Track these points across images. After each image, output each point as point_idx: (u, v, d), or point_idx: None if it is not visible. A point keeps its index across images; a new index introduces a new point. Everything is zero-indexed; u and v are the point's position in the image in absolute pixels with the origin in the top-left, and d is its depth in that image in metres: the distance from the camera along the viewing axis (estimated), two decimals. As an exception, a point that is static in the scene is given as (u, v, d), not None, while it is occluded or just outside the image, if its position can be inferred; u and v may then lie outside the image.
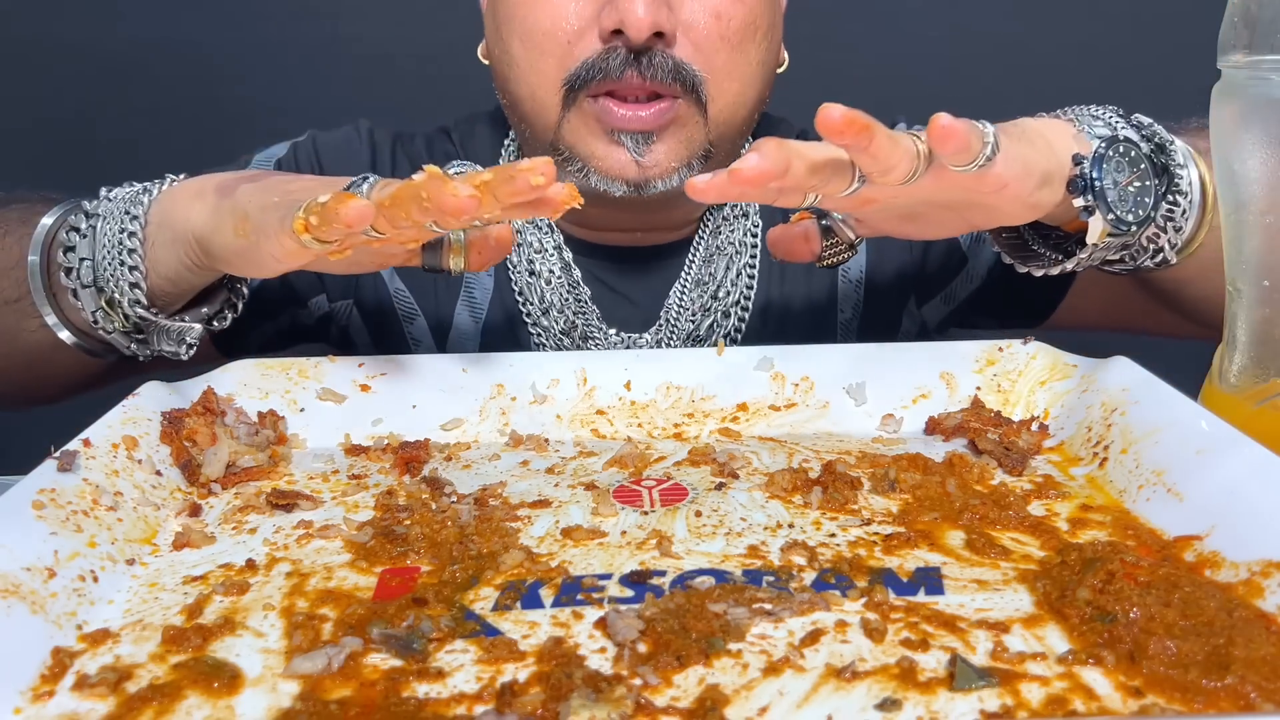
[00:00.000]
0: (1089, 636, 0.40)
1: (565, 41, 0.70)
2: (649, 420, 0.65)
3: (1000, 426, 0.60)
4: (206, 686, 0.38)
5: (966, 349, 0.66)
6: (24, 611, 0.41)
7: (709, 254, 0.82)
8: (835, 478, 0.54)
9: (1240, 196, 0.54)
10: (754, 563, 0.47)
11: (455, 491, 0.56)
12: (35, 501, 0.46)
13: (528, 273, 0.82)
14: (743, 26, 0.71)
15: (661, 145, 0.71)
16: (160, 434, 0.57)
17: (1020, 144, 0.54)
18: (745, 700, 0.37)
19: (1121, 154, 0.58)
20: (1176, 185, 0.61)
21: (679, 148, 0.72)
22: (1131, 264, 0.64)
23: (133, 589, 0.46)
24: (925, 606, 0.43)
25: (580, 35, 0.70)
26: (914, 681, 0.37)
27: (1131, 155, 0.58)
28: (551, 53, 0.70)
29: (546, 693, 0.37)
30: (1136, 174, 0.59)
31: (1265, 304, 0.54)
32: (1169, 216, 0.61)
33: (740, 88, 0.73)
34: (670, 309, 0.82)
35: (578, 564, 0.48)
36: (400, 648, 0.40)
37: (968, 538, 0.49)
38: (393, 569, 0.48)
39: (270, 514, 0.54)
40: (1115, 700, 0.36)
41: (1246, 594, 0.41)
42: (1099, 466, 0.55)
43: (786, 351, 0.66)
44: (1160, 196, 0.60)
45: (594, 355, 0.67)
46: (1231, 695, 0.36)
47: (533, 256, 0.82)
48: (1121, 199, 0.58)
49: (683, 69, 0.69)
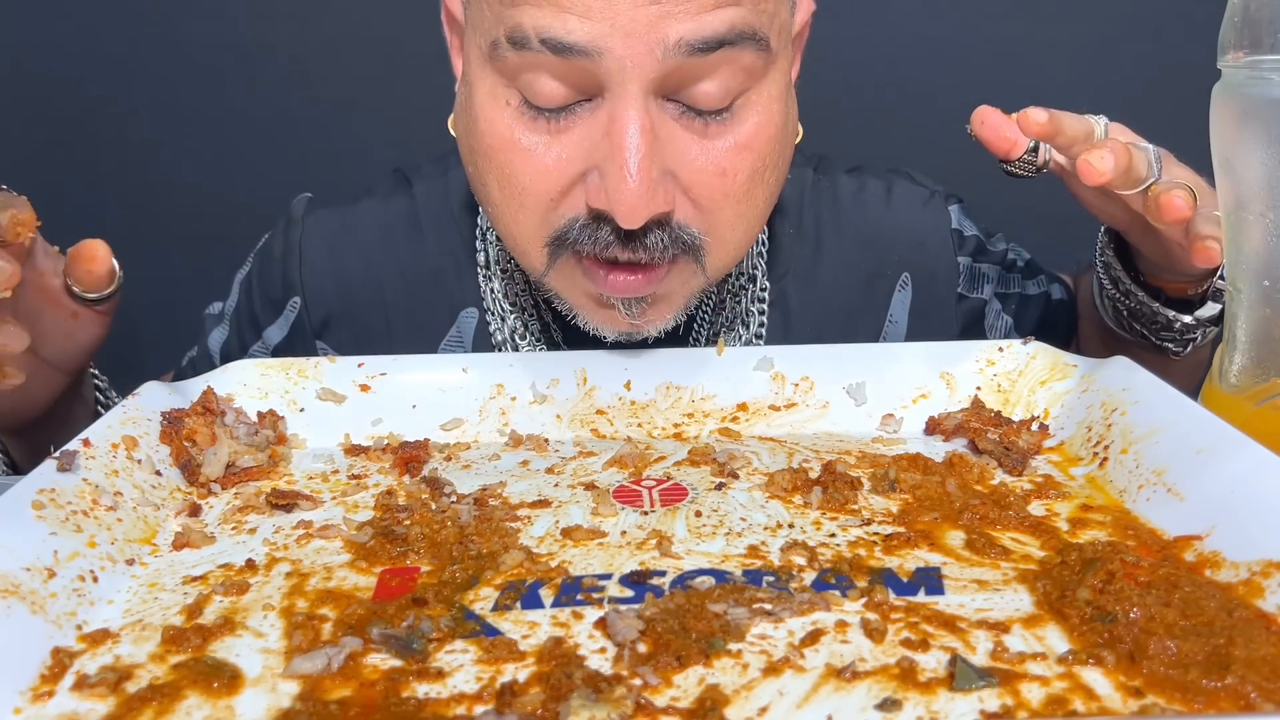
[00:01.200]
0: (1089, 636, 0.40)
1: (548, 199, 0.61)
2: (649, 420, 0.65)
3: (1000, 426, 0.60)
4: (206, 686, 0.38)
5: (966, 349, 0.66)
6: (24, 611, 0.41)
7: (713, 330, 0.78)
8: (835, 478, 0.54)
9: (1240, 196, 0.54)
10: (754, 563, 0.47)
11: (455, 491, 0.56)
12: (35, 501, 0.46)
13: (512, 351, 0.77)
14: (749, 176, 0.61)
15: (656, 307, 0.64)
16: (160, 434, 0.57)
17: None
18: (745, 700, 0.37)
19: None
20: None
21: (675, 302, 0.65)
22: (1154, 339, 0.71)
23: (133, 589, 0.46)
24: (925, 606, 0.43)
25: (564, 194, 0.61)
26: (914, 681, 0.37)
27: None
28: (533, 209, 0.61)
29: (546, 693, 0.37)
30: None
31: (1265, 304, 0.54)
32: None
33: (745, 232, 0.64)
34: None
35: (578, 564, 0.47)
36: (400, 648, 0.40)
37: (968, 538, 0.49)
38: (393, 569, 0.48)
39: (270, 514, 0.54)
40: (1115, 700, 0.36)
41: (1246, 594, 0.41)
42: (1099, 466, 0.55)
43: (786, 351, 0.66)
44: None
45: (594, 355, 0.67)
46: (1231, 695, 0.36)
47: (516, 338, 0.78)
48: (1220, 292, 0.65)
49: (681, 235, 0.61)
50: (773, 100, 0.61)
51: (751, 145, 0.61)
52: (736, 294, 0.78)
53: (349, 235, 0.83)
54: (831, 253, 0.82)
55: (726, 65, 0.57)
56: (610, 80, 0.56)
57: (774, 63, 0.60)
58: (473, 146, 0.63)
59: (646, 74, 0.56)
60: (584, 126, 0.59)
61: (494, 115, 0.60)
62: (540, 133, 0.60)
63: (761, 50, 0.58)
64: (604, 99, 0.58)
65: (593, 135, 0.59)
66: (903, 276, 0.82)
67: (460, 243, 0.82)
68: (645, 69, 0.56)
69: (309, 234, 0.83)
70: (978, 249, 0.84)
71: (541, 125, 0.60)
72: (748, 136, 0.60)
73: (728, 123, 0.60)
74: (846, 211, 0.83)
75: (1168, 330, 0.70)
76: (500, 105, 0.60)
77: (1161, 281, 0.70)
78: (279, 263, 0.83)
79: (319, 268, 0.82)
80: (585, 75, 0.57)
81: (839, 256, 0.82)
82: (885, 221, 0.83)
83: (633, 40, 0.55)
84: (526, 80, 0.58)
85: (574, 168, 0.60)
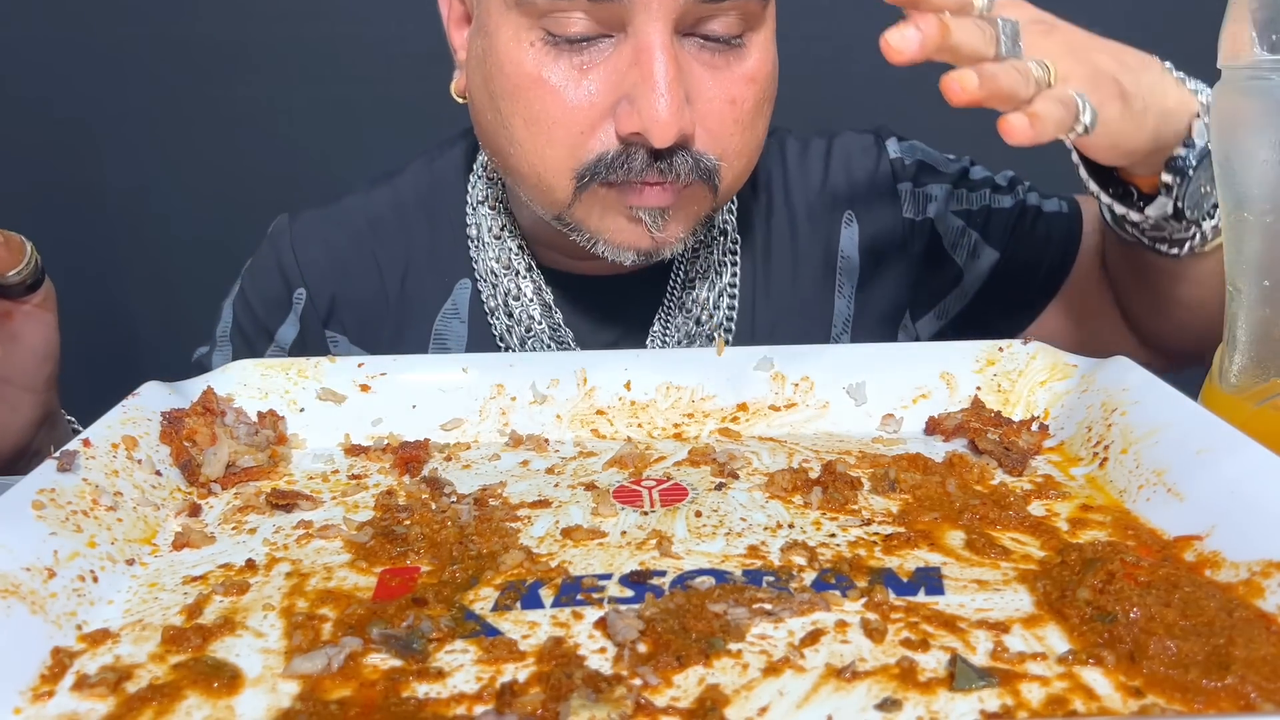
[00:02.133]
0: (1089, 636, 0.40)
1: (578, 133, 0.65)
2: (649, 420, 0.65)
3: (1000, 426, 0.60)
4: (206, 686, 0.38)
5: (966, 349, 0.66)
6: (24, 611, 0.41)
7: (689, 278, 0.81)
8: (835, 478, 0.54)
9: (1240, 196, 0.54)
10: (754, 563, 0.47)
11: (455, 491, 0.56)
12: (35, 501, 0.46)
13: (506, 316, 0.81)
14: (755, 105, 0.68)
15: (675, 222, 0.69)
16: (160, 434, 0.57)
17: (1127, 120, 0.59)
18: (745, 700, 0.37)
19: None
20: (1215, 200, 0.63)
21: (689, 220, 0.70)
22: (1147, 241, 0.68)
23: (133, 589, 0.46)
24: (925, 606, 0.43)
25: (594, 127, 0.65)
26: (914, 681, 0.37)
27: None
28: (562, 142, 0.66)
29: (546, 693, 0.37)
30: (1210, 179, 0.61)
31: (1265, 304, 0.54)
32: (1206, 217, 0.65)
33: (748, 160, 0.71)
34: (655, 338, 0.81)
35: (578, 564, 0.47)
36: (400, 648, 0.40)
37: (968, 538, 0.49)
38: (393, 569, 0.48)
39: (270, 514, 0.54)
40: (1115, 700, 0.36)
41: (1247, 594, 0.41)
42: (1099, 466, 0.55)
43: (786, 351, 0.66)
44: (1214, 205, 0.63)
45: (594, 355, 0.67)
46: (1231, 695, 0.36)
47: (509, 301, 0.81)
48: (1193, 195, 0.62)
49: (701, 162, 0.66)
50: (768, 41, 0.69)
51: (756, 77, 0.67)
52: (709, 244, 0.82)
53: (338, 229, 0.85)
54: (780, 209, 0.85)
55: (735, 10, 0.64)
56: (636, 15, 0.62)
57: (769, 8, 0.67)
58: (495, 92, 0.67)
59: (669, 10, 0.62)
60: (609, 62, 0.64)
61: (519, 56, 0.65)
62: (567, 68, 0.64)
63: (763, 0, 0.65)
64: (627, 35, 0.63)
65: (619, 68, 0.64)
66: (846, 214, 0.85)
67: (450, 219, 0.84)
68: (669, 6, 0.62)
69: (299, 235, 0.85)
70: (920, 172, 0.86)
71: (565, 61, 0.64)
72: (753, 69, 0.67)
73: (737, 55, 0.66)
74: (793, 170, 0.87)
75: (1157, 231, 0.68)
76: (524, 46, 0.65)
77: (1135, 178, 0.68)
78: (275, 268, 0.85)
79: (316, 259, 0.85)
80: (611, 13, 0.62)
81: (787, 211, 0.85)
82: (828, 171, 0.87)
83: None
84: (553, 19, 0.63)
85: (603, 101, 0.65)
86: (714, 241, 0.82)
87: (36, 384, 0.69)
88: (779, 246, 0.85)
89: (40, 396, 0.70)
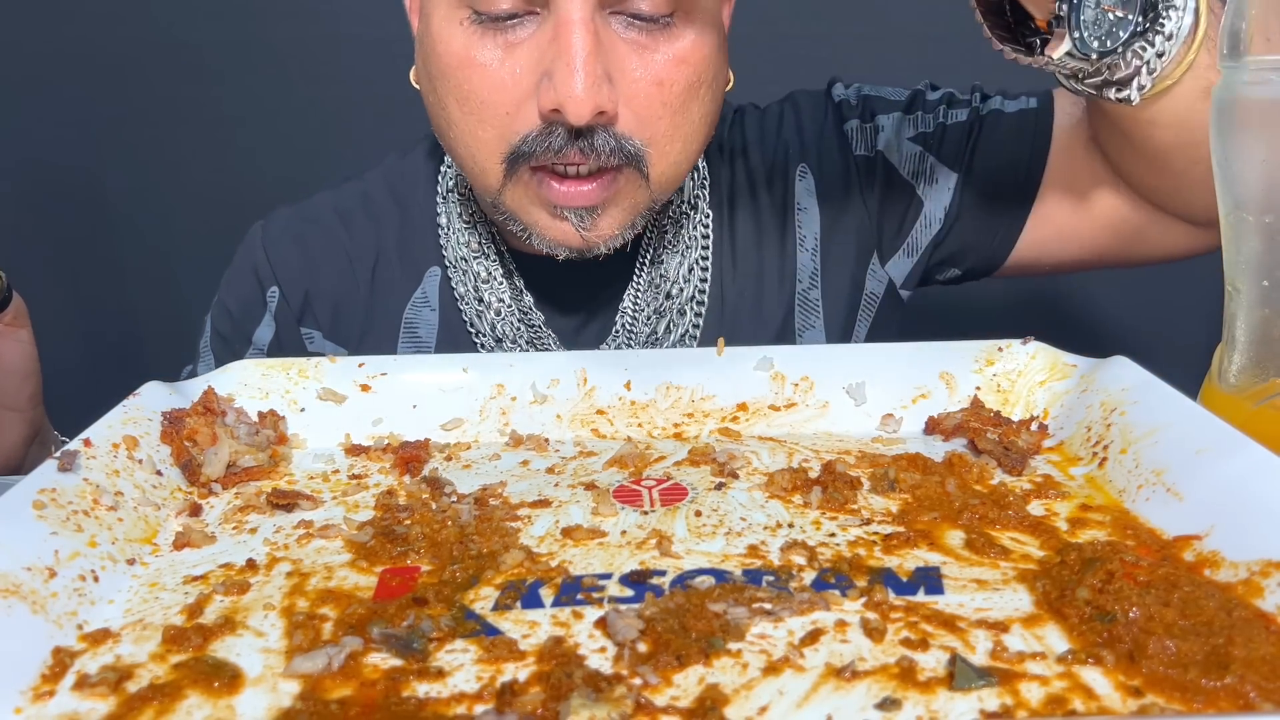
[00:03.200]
0: (1089, 636, 0.40)
1: (504, 113, 0.66)
2: (649, 420, 0.65)
3: (1000, 426, 0.60)
4: (207, 686, 0.38)
5: (966, 349, 0.66)
6: (24, 611, 0.41)
7: (658, 254, 0.81)
8: (835, 477, 0.54)
9: (1240, 196, 0.54)
10: (754, 562, 0.47)
11: (455, 491, 0.56)
12: (36, 501, 0.46)
13: (476, 301, 0.81)
14: (685, 89, 0.67)
15: (606, 217, 0.69)
16: (161, 434, 0.57)
17: None
18: (745, 700, 0.37)
19: None
20: (1160, 27, 0.58)
21: (623, 215, 0.70)
22: (1094, 91, 0.62)
23: (133, 589, 0.46)
24: (925, 606, 0.43)
25: (519, 106, 0.66)
26: (914, 681, 0.37)
27: None
28: (491, 123, 0.67)
29: (546, 692, 0.37)
30: (1122, 3, 0.57)
31: (1265, 304, 0.54)
32: (1139, 54, 0.59)
33: (683, 146, 0.70)
34: (625, 314, 0.81)
35: (578, 564, 0.48)
36: (400, 647, 0.40)
37: (967, 537, 0.49)
38: (393, 569, 0.48)
39: (270, 514, 0.54)
40: (1115, 700, 0.36)
41: (1246, 594, 0.41)
42: (1099, 466, 0.55)
43: (786, 351, 0.66)
44: (1136, 34, 0.58)
45: (594, 355, 0.67)
46: (1231, 695, 0.36)
47: (479, 285, 0.81)
48: (1097, 23, 0.57)
49: (625, 145, 0.66)
50: (707, 23, 0.67)
51: (688, 59, 0.66)
52: (679, 220, 0.81)
53: (309, 224, 0.86)
54: (741, 179, 0.85)
55: None
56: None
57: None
58: (431, 73, 0.68)
59: None
60: (534, 39, 0.64)
61: (449, 35, 0.66)
62: (493, 47, 0.65)
63: None
64: (550, 10, 0.63)
65: (541, 44, 0.64)
66: (800, 167, 0.85)
67: (420, 209, 0.85)
68: None
69: (270, 234, 0.86)
70: (866, 107, 0.85)
71: (491, 39, 0.65)
72: (685, 50, 0.66)
73: (666, 35, 0.65)
74: (751, 139, 0.86)
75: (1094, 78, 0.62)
76: (454, 25, 0.66)
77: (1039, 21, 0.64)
78: (249, 271, 0.86)
79: (287, 257, 0.85)
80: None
81: (747, 179, 0.85)
82: (780, 131, 0.86)
83: None
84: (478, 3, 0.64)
85: (527, 79, 0.65)
86: (684, 216, 0.82)
87: (19, 403, 0.69)
88: (742, 215, 0.85)
89: (25, 415, 0.70)
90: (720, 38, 0.70)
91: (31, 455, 0.72)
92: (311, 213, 0.87)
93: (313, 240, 0.85)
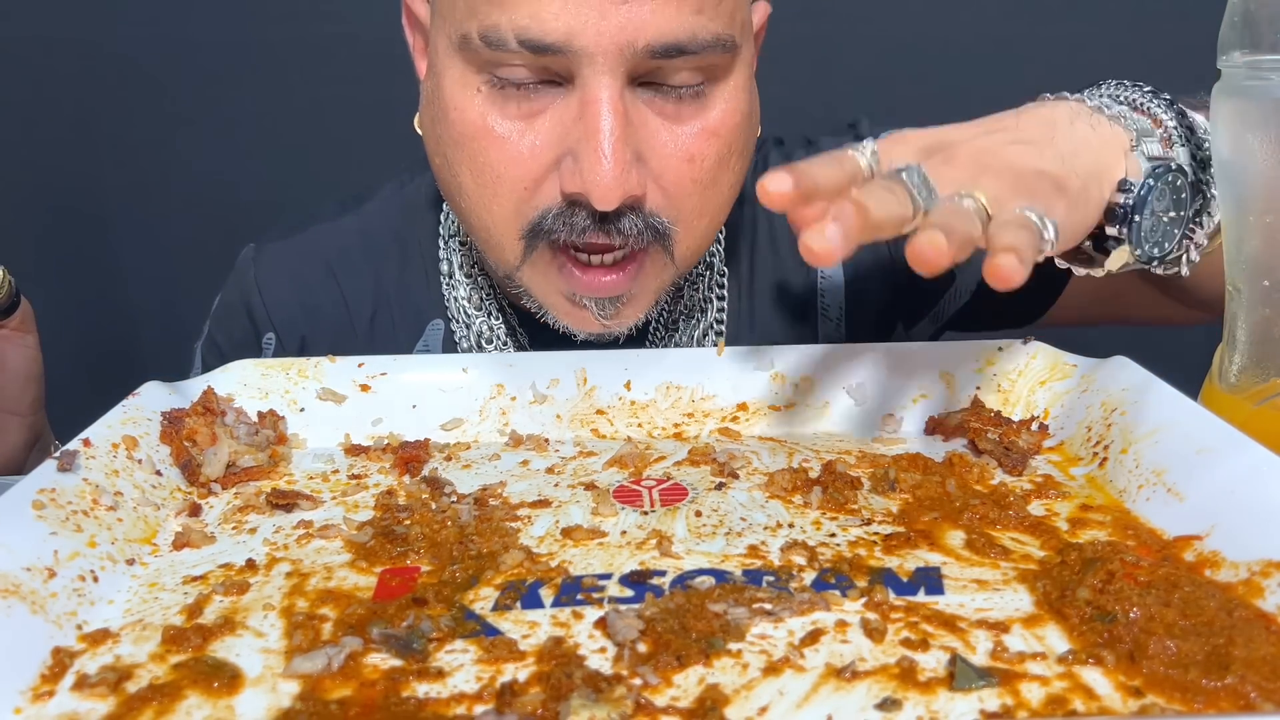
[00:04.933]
0: (1089, 636, 0.40)
1: (523, 188, 0.61)
2: (649, 420, 0.65)
3: (1000, 426, 0.60)
4: (206, 686, 0.38)
5: (966, 349, 0.66)
6: (24, 611, 0.41)
7: (673, 319, 0.78)
8: (835, 478, 0.54)
9: (1240, 197, 0.54)
10: (754, 563, 0.47)
11: (455, 491, 0.56)
12: (35, 501, 0.46)
13: None
14: (716, 163, 0.63)
15: (629, 306, 0.66)
16: (160, 434, 0.57)
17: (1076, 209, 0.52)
18: (745, 700, 0.37)
19: (1169, 183, 0.54)
20: (1207, 207, 0.58)
21: (647, 299, 0.66)
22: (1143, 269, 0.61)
23: (133, 589, 0.46)
24: (925, 606, 0.43)
25: (538, 183, 0.61)
26: (914, 681, 0.37)
27: (1176, 185, 0.55)
28: (507, 197, 0.62)
29: (546, 693, 0.37)
30: (1174, 204, 0.55)
31: (1265, 304, 0.54)
32: (1189, 235, 0.58)
33: (709, 221, 0.66)
34: None
35: (578, 564, 0.48)
36: (400, 648, 0.40)
37: (968, 538, 0.49)
38: (393, 569, 0.48)
39: (270, 514, 0.54)
40: (1115, 700, 0.36)
41: (1246, 594, 0.41)
42: (1099, 466, 0.55)
43: (786, 351, 0.66)
44: (1189, 222, 0.57)
45: (594, 355, 0.67)
46: (1231, 695, 0.36)
47: (483, 346, 0.77)
48: (1153, 230, 0.55)
49: (652, 224, 0.62)
50: (738, 89, 0.63)
51: (719, 131, 0.62)
52: (694, 281, 0.78)
53: (304, 262, 0.82)
54: (763, 234, 0.82)
55: (694, 65, 0.59)
56: (582, 69, 0.58)
57: (739, 56, 0.62)
58: (442, 137, 0.64)
59: (617, 63, 0.57)
60: (556, 112, 0.60)
61: (464, 103, 0.61)
62: (512, 118, 0.60)
63: (727, 51, 0.60)
64: (574, 85, 0.59)
65: (565, 120, 0.60)
66: None
67: (422, 253, 0.81)
68: (615, 62, 0.57)
69: (263, 271, 0.82)
70: None
71: (512, 109, 0.60)
72: (715, 122, 0.62)
73: (697, 108, 0.61)
74: None
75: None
76: (470, 92, 0.61)
77: None
78: (242, 311, 0.82)
79: (283, 299, 0.81)
80: (559, 64, 0.58)
81: (770, 235, 0.82)
82: None
83: (603, 39, 0.56)
84: (497, 70, 0.59)
85: (548, 154, 0.60)
86: (699, 277, 0.78)
87: (21, 407, 0.68)
88: (762, 275, 0.81)
89: (27, 420, 0.69)
90: (752, 94, 0.66)
91: (32, 459, 0.71)
92: (307, 248, 0.83)
93: (309, 282, 0.81)
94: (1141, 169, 0.55)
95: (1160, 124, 0.57)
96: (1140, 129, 0.56)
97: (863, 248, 0.72)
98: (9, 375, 0.67)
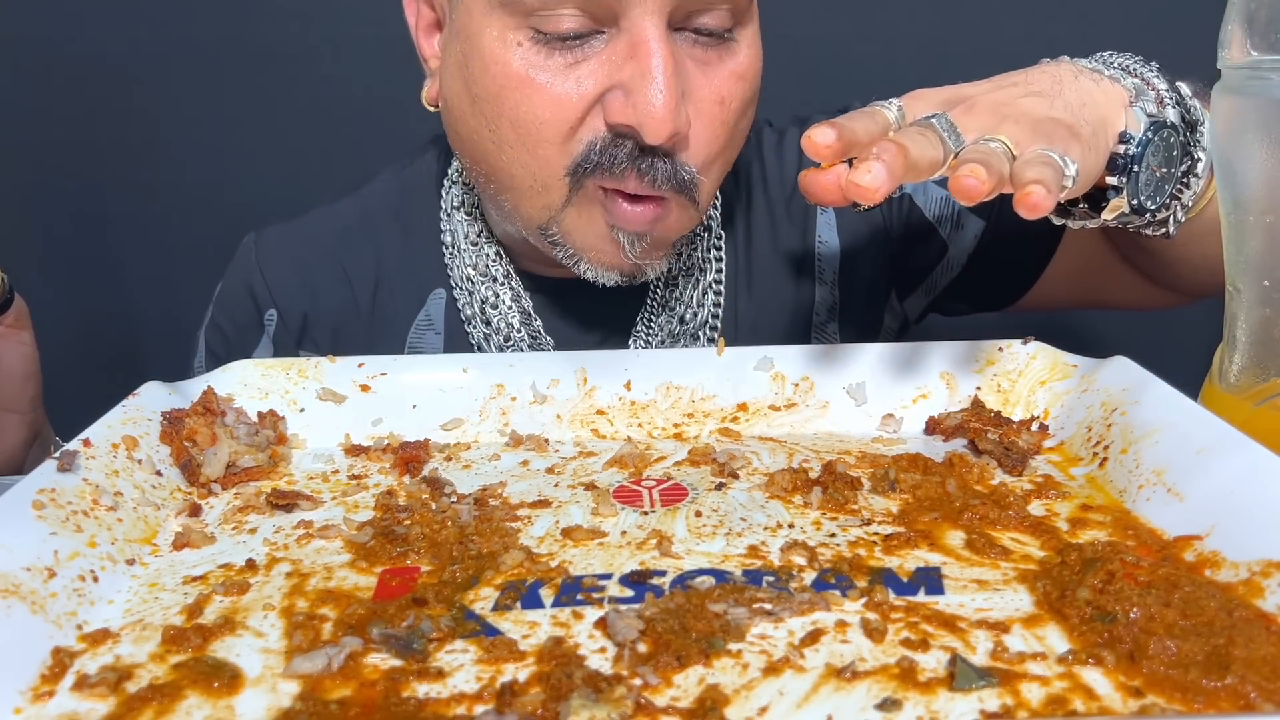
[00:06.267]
0: (1089, 636, 0.40)
1: (567, 128, 0.64)
2: (649, 420, 0.65)
3: (1000, 426, 0.60)
4: (206, 686, 0.38)
5: (966, 349, 0.66)
6: (24, 611, 0.41)
7: (672, 277, 0.80)
8: (835, 478, 0.54)
9: (1240, 196, 0.54)
10: (754, 563, 0.47)
11: (455, 491, 0.56)
12: (35, 501, 0.46)
13: (484, 325, 0.80)
14: (742, 105, 0.66)
15: (654, 248, 0.68)
16: (160, 434, 0.57)
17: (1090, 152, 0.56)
18: (745, 700, 0.37)
19: (1163, 139, 0.58)
20: (1194, 169, 0.61)
21: (669, 243, 0.69)
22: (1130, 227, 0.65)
23: (133, 589, 0.46)
24: (925, 606, 0.43)
25: (581, 121, 0.64)
26: (914, 681, 0.37)
27: (1169, 141, 0.59)
28: (553, 140, 0.64)
29: (546, 693, 0.37)
30: (1167, 160, 0.59)
31: (1265, 304, 0.54)
32: (1176, 196, 0.62)
33: (723, 166, 0.69)
34: (638, 339, 0.80)
35: (578, 564, 0.48)
36: (400, 648, 0.40)
37: (968, 538, 0.49)
38: (393, 569, 0.48)
39: (270, 514, 0.54)
40: (1115, 700, 0.36)
41: (1246, 594, 0.41)
42: (1099, 466, 0.55)
43: (786, 351, 0.66)
44: (1178, 181, 0.61)
45: (594, 355, 0.67)
46: (1231, 695, 0.36)
47: (486, 309, 0.79)
48: (1148, 183, 0.59)
49: (680, 173, 0.64)
50: (756, 35, 0.67)
51: (745, 75, 0.66)
52: (692, 242, 0.80)
53: (305, 242, 0.84)
54: (760, 201, 0.84)
55: (726, 4, 0.63)
56: (630, 9, 0.60)
57: (754, 3, 0.66)
58: (478, 95, 0.65)
59: (665, 5, 0.60)
60: (600, 56, 0.62)
61: (506, 56, 0.63)
62: (553, 68, 0.63)
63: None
64: (620, 29, 0.62)
65: (613, 60, 0.62)
66: None
67: (424, 227, 0.83)
68: (664, 1, 0.60)
69: (265, 254, 0.84)
70: None
71: (555, 60, 0.63)
72: (743, 66, 0.66)
73: (725, 51, 0.65)
74: (769, 161, 0.85)
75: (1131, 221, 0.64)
76: (511, 46, 0.63)
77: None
78: (244, 293, 0.84)
79: (284, 278, 0.83)
80: (603, 7, 0.60)
81: (766, 203, 0.84)
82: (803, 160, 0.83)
83: None
84: (542, 17, 0.61)
85: (592, 91, 0.63)
86: (697, 239, 0.80)
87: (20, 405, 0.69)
88: (760, 239, 0.84)
89: (26, 418, 0.69)
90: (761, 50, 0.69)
91: (31, 457, 0.72)
92: (307, 230, 0.85)
93: (310, 261, 0.83)
94: (1140, 122, 0.58)
95: (1152, 86, 0.61)
96: (1137, 88, 0.60)
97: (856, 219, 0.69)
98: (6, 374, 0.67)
